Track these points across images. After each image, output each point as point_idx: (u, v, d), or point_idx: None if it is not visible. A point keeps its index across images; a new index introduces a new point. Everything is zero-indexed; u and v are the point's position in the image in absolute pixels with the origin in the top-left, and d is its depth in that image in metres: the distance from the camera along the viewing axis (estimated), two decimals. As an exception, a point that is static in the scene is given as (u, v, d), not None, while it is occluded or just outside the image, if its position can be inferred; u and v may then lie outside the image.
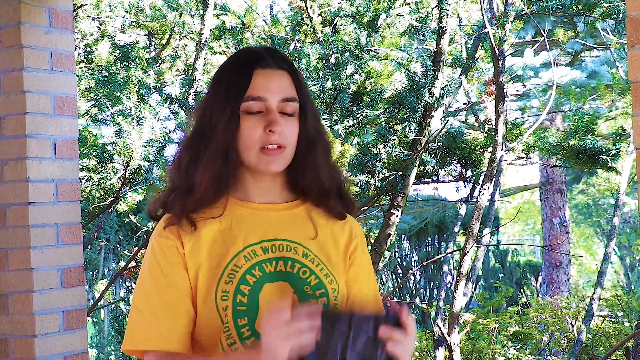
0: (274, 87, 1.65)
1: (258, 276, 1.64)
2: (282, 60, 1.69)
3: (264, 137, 1.63)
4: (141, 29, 7.93)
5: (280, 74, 1.66)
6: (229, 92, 1.65)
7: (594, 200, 19.85)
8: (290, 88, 1.67)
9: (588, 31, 9.33)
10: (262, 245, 1.67)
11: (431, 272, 12.52)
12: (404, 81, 5.89)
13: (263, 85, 1.64)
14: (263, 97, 1.64)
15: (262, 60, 1.67)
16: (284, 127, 1.64)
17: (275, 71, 1.66)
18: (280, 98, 1.65)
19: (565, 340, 7.41)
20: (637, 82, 2.34)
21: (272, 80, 1.65)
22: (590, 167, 6.32)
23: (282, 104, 1.65)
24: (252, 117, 1.64)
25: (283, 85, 1.66)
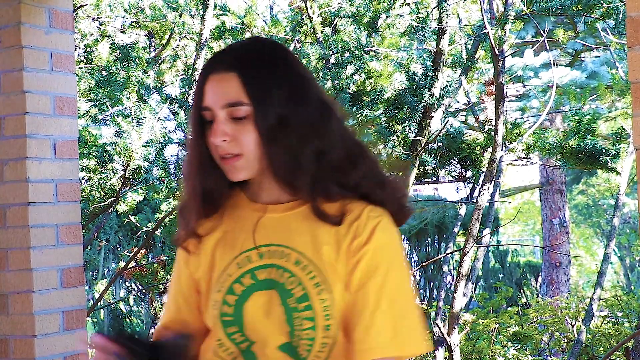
0: (217, 94, 1.55)
1: (247, 285, 1.57)
2: (233, 60, 1.57)
3: (214, 147, 1.57)
4: (141, 29, 7.93)
5: (227, 78, 1.55)
6: (194, 102, 1.61)
7: (594, 200, 19.86)
8: (237, 91, 1.54)
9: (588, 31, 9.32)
10: (259, 251, 1.59)
11: (431, 273, 12.52)
12: (403, 81, 5.89)
13: (209, 93, 1.56)
14: (209, 106, 1.56)
15: (212, 66, 1.59)
16: (237, 134, 1.54)
17: (222, 75, 1.56)
18: (223, 104, 1.55)
19: (565, 340, 7.41)
20: (637, 83, 2.34)
21: (216, 87, 1.56)
22: (590, 167, 6.32)
23: (228, 109, 1.55)
24: (209, 127, 1.58)
25: (227, 90, 1.55)
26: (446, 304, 7.21)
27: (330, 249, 1.56)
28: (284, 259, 1.57)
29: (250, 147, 1.55)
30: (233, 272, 1.59)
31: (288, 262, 1.57)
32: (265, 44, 1.63)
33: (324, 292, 1.54)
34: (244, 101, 1.54)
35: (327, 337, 1.54)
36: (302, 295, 1.54)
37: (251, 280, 1.57)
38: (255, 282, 1.57)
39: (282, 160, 1.55)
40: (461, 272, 5.82)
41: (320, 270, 1.55)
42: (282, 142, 1.55)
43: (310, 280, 1.55)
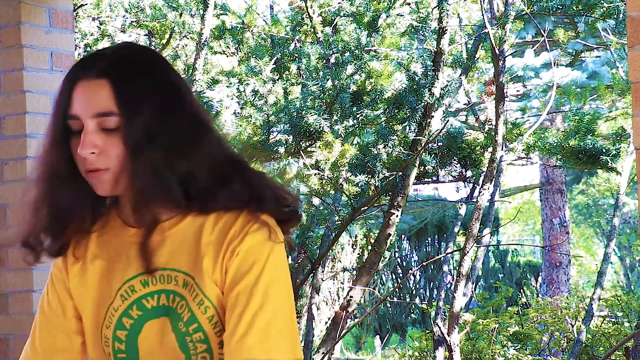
0: (87, 102, 1.43)
1: (137, 316, 1.47)
2: (106, 65, 1.45)
3: (81, 160, 1.44)
4: (141, 29, 7.93)
5: (99, 85, 1.43)
6: (56, 110, 1.48)
7: (594, 200, 19.86)
8: (107, 100, 1.42)
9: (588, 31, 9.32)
10: (141, 279, 1.48)
11: (431, 272, 12.53)
12: (404, 81, 5.89)
13: (78, 101, 1.44)
14: (77, 114, 1.44)
15: (81, 71, 1.46)
16: (105, 146, 1.42)
17: (93, 82, 1.44)
18: (93, 114, 1.42)
19: (565, 340, 7.41)
20: (637, 83, 2.34)
21: (86, 95, 1.43)
22: (590, 167, 6.32)
23: (98, 120, 1.42)
24: (75, 138, 1.45)
25: (97, 99, 1.42)
26: (446, 303, 7.21)
27: (208, 260, 1.46)
28: (172, 282, 1.47)
29: (117, 161, 1.43)
30: (118, 305, 1.49)
31: (177, 285, 1.47)
32: (139, 50, 1.51)
33: (208, 309, 1.45)
34: (114, 111, 1.42)
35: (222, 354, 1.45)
36: (189, 318, 1.45)
37: (139, 311, 1.48)
38: (144, 312, 1.47)
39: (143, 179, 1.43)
40: (461, 271, 5.82)
41: (199, 286, 1.46)
42: (146, 159, 1.42)
43: (194, 300, 1.46)
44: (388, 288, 12.43)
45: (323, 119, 5.68)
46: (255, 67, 6.41)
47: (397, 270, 12.95)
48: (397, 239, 12.47)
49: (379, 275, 12.02)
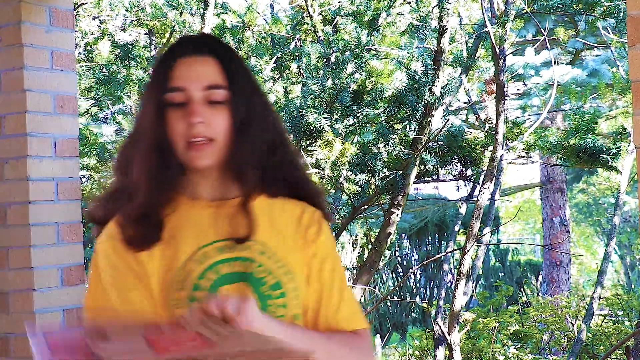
0: (196, 75, 1.52)
1: (213, 279, 1.53)
2: (210, 45, 1.56)
3: (187, 130, 1.51)
4: (141, 28, 7.93)
5: (205, 61, 1.54)
6: (154, 86, 1.55)
7: (595, 199, 19.86)
8: (216, 74, 1.53)
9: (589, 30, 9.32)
10: (216, 246, 1.55)
11: (431, 271, 12.53)
12: (404, 80, 5.89)
13: (184, 74, 1.52)
14: (183, 86, 1.52)
15: (185, 48, 1.55)
16: (211, 118, 1.51)
17: (198, 58, 1.54)
18: (203, 86, 1.52)
19: (565, 339, 7.41)
20: (638, 81, 2.33)
21: (194, 68, 1.53)
22: (590, 166, 6.32)
23: (205, 92, 1.52)
24: (176, 109, 1.52)
25: (207, 73, 1.53)
26: (446, 302, 7.21)
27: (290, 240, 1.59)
28: (247, 250, 1.55)
29: (223, 132, 1.53)
30: (194, 268, 1.54)
31: (252, 252, 1.55)
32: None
33: (293, 280, 1.57)
34: (223, 84, 1.53)
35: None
36: (275, 283, 1.55)
37: (215, 275, 1.54)
38: (220, 276, 1.54)
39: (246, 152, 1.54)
40: (461, 270, 5.82)
41: (286, 260, 1.57)
42: (249, 134, 1.55)
43: (279, 269, 1.56)
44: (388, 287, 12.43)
45: (323, 117, 5.68)
46: (255, 66, 6.42)
47: (397, 269, 12.95)
48: (398, 237, 12.47)
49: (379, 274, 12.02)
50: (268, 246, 1.57)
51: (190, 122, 1.50)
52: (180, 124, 1.51)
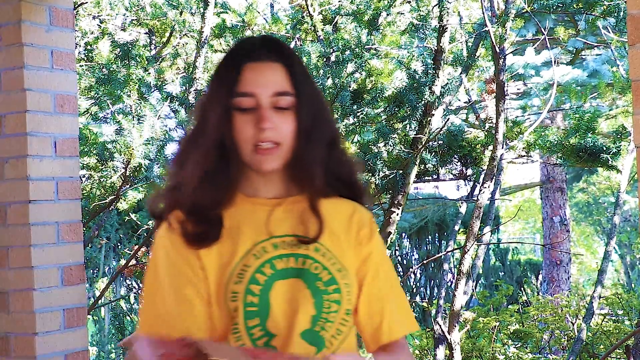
0: (264, 81, 1.58)
1: (269, 274, 1.59)
2: (277, 51, 1.62)
3: (256, 134, 1.57)
4: (142, 27, 7.93)
5: (273, 67, 1.60)
6: (221, 89, 1.60)
7: (595, 198, 19.85)
8: (284, 81, 1.59)
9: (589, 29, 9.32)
10: (272, 242, 1.61)
11: (431, 271, 12.52)
12: (404, 79, 5.88)
13: (253, 80, 1.58)
14: (253, 92, 1.57)
15: (253, 53, 1.60)
16: (278, 123, 1.58)
17: (266, 64, 1.59)
18: (271, 93, 1.58)
19: (565, 338, 7.41)
20: (638, 81, 2.33)
21: (262, 74, 1.58)
22: (590, 165, 6.32)
23: (274, 98, 1.58)
24: (244, 114, 1.58)
25: (275, 79, 1.59)
26: (447, 302, 7.21)
27: (343, 239, 1.66)
28: (303, 247, 1.62)
29: (288, 137, 1.59)
30: (251, 262, 1.59)
31: (308, 250, 1.62)
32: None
33: (346, 277, 1.63)
34: (290, 92, 1.59)
35: (343, 324, 1.62)
36: (329, 279, 1.61)
37: (271, 270, 1.60)
38: (275, 271, 1.60)
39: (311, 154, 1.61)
40: (462, 270, 5.82)
41: (338, 258, 1.64)
42: (314, 137, 1.61)
43: (333, 266, 1.62)
44: (388, 286, 12.41)
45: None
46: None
47: (397, 269, 12.95)
48: (398, 237, 12.47)
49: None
50: (322, 244, 1.63)
51: (260, 127, 1.56)
52: (248, 128, 1.57)
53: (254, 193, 1.65)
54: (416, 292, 12.64)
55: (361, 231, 1.68)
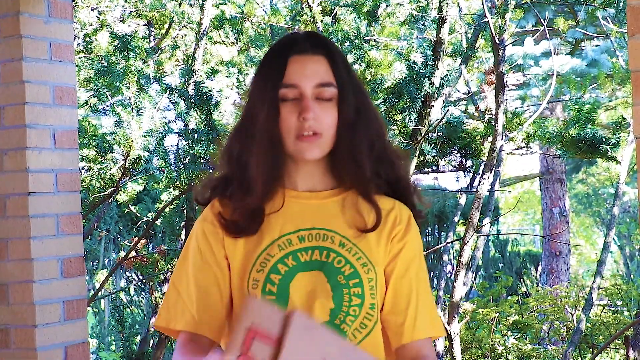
0: (308, 72, 1.62)
1: (291, 265, 1.63)
2: (320, 44, 1.66)
3: (299, 124, 1.61)
4: (140, 19, 7.91)
5: (316, 59, 1.64)
6: (267, 81, 1.64)
7: (594, 189, 19.86)
8: (327, 73, 1.64)
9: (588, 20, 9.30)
10: (299, 234, 1.65)
11: (431, 262, 12.53)
12: (404, 71, 5.87)
13: (297, 72, 1.62)
14: (296, 83, 1.62)
15: (297, 46, 1.65)
16: (320, 113, 1.62)
17: (310, 57, 1.64)
18: (315, 84, 1.62)
19: (564, 329, 7.42)
20: (637, 72, 2.33)
21: (306, 66, 1.63)
22: (590, 156, 6.32)
23: (317, 89, 1.62)
24: (288, 104, 1.62)
25: (318, 71, 1.63)
26: (446, 293, 7.22)
27: (373, 235, 1.67)
28: (328, 240, 1.65)
29: (331, 128, 1.62)
30: (275, 253, 1.63)
31: (333, 244, 1.65)
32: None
33: (371, 272, 1.64)
34: (333, 83, 1.63)
35: (368, 319, 1.64)
36: (351, 273, 1.63)
37: (293, 261, 1.63)
38: (298, 263, 1.63)
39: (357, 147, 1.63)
40: (461, 261, 5.82)
41: (364, 253, 1.65)
42: (358, 130, 1.64)
43: (357, 261, 1.64)
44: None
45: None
46: (254, 57, 6.40)
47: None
48: (397, 228, 12.45)
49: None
50: (349, 239, 1.65)
51: (304, 117, 1.60)
52: (292, 118, 1.61)
53: (287, 185, 1.68)
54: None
55: (396, 228, 1.68)
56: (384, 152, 1.69)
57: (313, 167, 1.67)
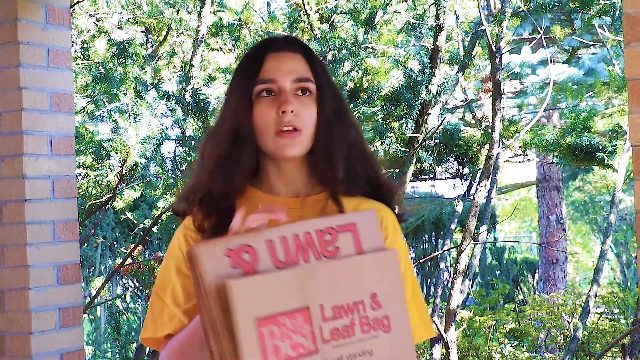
0: (286, 68, 1.61)
1: None
2: (298, 44, 1.66)
3: (278, 119, 1.58)
4: (138, 26, 7.92)
5: (294, 56, 1.63)
6: (242, 78, 1.62)
7: (591, 197, 19.87)
8: (304, 69, 1.62)
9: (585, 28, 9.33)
10: None
11: (428, 269, 12.53)
12: (401, 78, 5.88)
13: (274, 67, 1.60)
14: (274, 78, 1.59)
15: (272, 45, 1.64)
16: (300, 109, 1.59)
17: (288, 53, 1.63)
18: (293, 78, 1.60)
19: (561, 337, 7.42)
20: (634, 80, 2.34)
21: (284, 62, 1.61)
22: (586, 164, 6.33)
23: (295, 84, 1.60)
24: (266, 99, 1.59)
25: (296, 66, 1.61)
26: (443, 300, 7.22)
27: None
28: None
29: (309, 124, 1.60)
30: None
31: None
32: None
33: None
34: (311, 78, 1.61)
35: None
36: None
37: None
38: None
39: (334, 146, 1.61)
40: (458, 269, 5.82)
41: None
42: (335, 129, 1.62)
43: None
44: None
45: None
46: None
47: (394, 267, 12.92)
48: (394, 236, 12.44)
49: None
50: None
51: (284, 110, 1.57)
52: (271, 112, 1.58)
53: (269, 190, 1.65)
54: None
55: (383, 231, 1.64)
56: (364, 155, 1.67)
57: (296, 169, 1.64)
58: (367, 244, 1.46)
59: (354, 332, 1.39)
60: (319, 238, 1.43)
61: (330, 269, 1.40)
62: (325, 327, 1.37)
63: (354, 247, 1.45)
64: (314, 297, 1.37)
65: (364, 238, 1.46)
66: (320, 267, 1.40)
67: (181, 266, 1.62)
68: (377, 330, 1.41)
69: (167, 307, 1.61)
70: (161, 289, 1.64)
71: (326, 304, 1.38)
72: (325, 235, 1.43)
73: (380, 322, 1.41)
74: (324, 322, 1.37)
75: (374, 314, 1.41)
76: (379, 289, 1.42)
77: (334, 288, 1.39)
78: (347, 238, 1.45)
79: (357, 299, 1.40)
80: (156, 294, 1.65)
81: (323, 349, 1.36)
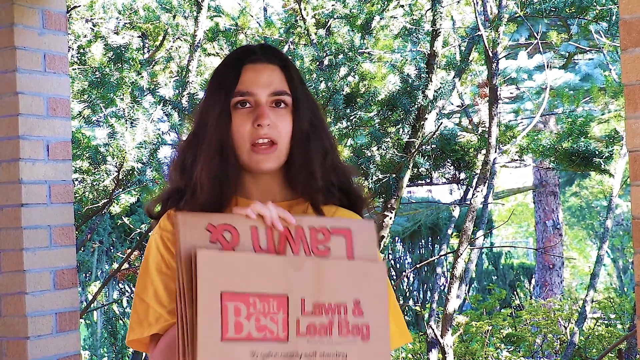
0: (263, 81, 1.62)
1: None
2: (275, 55, 1.67)
3: (254, 132, 1.60)
4: (135, 31, 7.92)
5: (271, 68, 1.64)
6: (220, 89, 1.63)
7: (587, 202, 19.89)
8: (281, 82, 1.63)
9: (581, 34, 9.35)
10: None
11: (425, 274, 12.53)
12: (397, 83, 5.89)
13: (251, 80, 1.62)
14: (251, 91, 1.61)
15: (252, 55, 1.65)
16: (276, 121, 1.61)
17: (265, 65, 1.64)
18: (270, 92, 1.62)
19: (558, 342, 7.42)
20: (630, 85, 2.34)
21: (261, 74, 1.62)
22: (583, 169, 6.33)
23: (272, 97, 1.62)
24: (243, 112, 1.61)
25: (273, 79, 1.63)
26: (440, 305, 7.21)
27: None
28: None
29: (285, 137, 1.62)
30: None
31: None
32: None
33: None
34: (287, 92, 1.63)
35: None
36: None
37: None
38: None
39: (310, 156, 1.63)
40: (455, 274, 5.82)
41: None
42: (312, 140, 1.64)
43: None
44: (381, 290, 12.40)
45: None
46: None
47: (390, 272, 12.95)
48: (391, 241, 12.47)
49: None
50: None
51: (260, 123, 1.59)
52: (247, 125, 1.60)
53: (248, 197, 1.66)
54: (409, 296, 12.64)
55: None
56: (337, 163, 1.69)
57: (271, 178, 1.66)
58: (359, 252, 1.49)
59: (331, 333, 1.40)
60: (311, 235, 1.46)
61: (318, 266, 1.42)
62: (303, 320, 1.39)
63: (345, 251, 1.47)
64: (297, 288, 1.40)
65: (357, 245, 1.49)
66: (308, 262, 1.42)
67: (161, 266, 1.62)
68: (356, 336, 1.42)
69: (151, 308, 1.61)
70: (144, 292, 1.63)
71: (308, 298, 1.40)
72: (318, 234, 1.46)
73: (360, 330, 1.43)
74: (302, 316, 1.39)
75: (355, 320, 1.43)
76: (363, 297, 1.44)
77: (318, 285, 1.41)
78: (340, 242, 1.48)
79: (340, 301, 1.42)
80: (138, 296, 1.64)
81: (295, 341, 1.38)
